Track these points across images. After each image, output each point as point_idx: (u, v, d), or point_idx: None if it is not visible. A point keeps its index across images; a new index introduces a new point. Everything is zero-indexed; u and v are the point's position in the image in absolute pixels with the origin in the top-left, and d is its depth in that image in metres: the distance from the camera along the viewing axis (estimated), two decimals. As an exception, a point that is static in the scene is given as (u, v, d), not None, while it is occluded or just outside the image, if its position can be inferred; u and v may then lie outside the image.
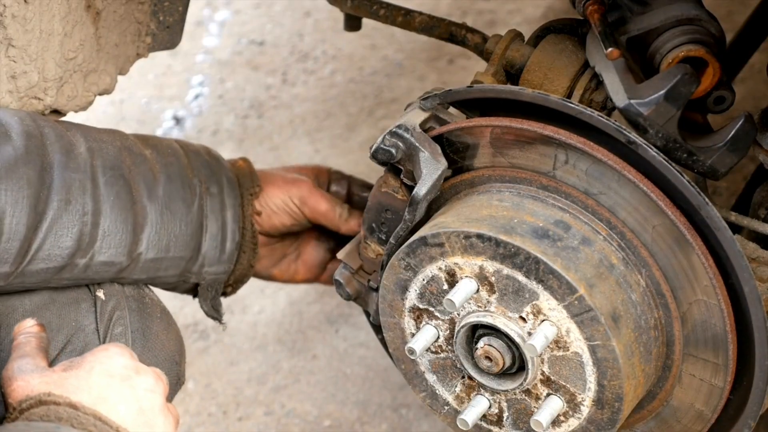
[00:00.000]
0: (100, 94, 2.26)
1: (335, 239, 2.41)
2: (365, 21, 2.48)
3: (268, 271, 2.41)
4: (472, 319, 1.93)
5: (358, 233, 2.19)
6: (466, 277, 1.92)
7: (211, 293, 2.29)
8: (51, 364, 1.90)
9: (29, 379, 1.77)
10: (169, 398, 2.13)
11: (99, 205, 2.02)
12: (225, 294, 2.35)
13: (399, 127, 1.99)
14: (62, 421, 1.71)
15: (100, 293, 2.09)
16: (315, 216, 2.33)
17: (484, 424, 2.02)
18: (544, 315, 1.88)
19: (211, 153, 2.29)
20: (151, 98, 3.82)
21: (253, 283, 3.19)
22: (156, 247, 2.12)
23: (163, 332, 2.14)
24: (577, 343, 1.87)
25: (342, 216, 2.34)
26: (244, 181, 2.29)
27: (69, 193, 1.99)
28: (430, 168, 1.98)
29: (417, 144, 1.98)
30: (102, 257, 2.05)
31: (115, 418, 1.75)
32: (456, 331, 1.96)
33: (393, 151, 1.99)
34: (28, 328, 1.88)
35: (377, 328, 2.18)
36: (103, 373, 1.79)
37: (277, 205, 2.32)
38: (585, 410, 1.92)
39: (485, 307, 1.92)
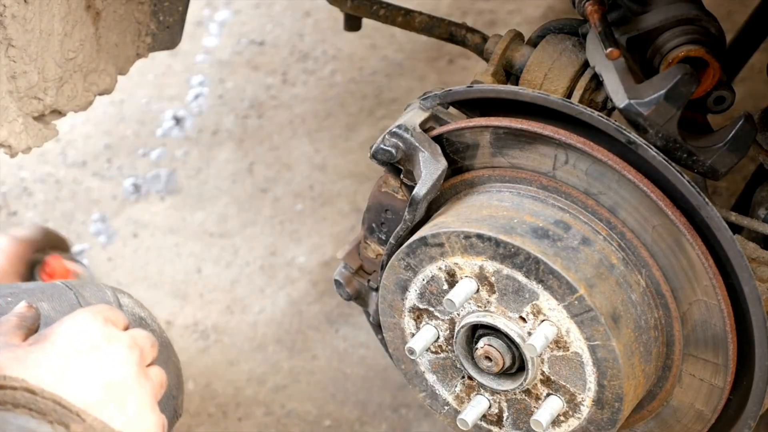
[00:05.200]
0: (100, 94, 2.26)
1: None
2: (365, 21, 2.48)
3: None
4: (472, 319, 1.93)
5: None
6: (466, 277, 1.92)
7: None
8: None
9: None
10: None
11: None
12: None
13: (399, 127, 1.99)
14: (18, 408, 1.59)
15: None
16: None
17: (484, 424, 2.02)
18: (544, 315, 1.88)
19: None
20: (151, 98, 3.82)
21: (253, 283, 3.21)
22: None
23: (162, 366, 2.09)
24: (577, 343, 1.87)
25: None
26: None
27: None
28: (430, 168, 1.98)
29: (417, 144, 1.98)
30: None
31: (76, 397, 1.62)
32: (456, 331, 1.96)
33: (393, 151, 1.99)
34: (16, 309, 1.77)
35: (377, 328, 2.18)
36: (68, 345, 1.66)
37: None
38: (585, 410, 1.92)
39: (485, 307, 1.92)
